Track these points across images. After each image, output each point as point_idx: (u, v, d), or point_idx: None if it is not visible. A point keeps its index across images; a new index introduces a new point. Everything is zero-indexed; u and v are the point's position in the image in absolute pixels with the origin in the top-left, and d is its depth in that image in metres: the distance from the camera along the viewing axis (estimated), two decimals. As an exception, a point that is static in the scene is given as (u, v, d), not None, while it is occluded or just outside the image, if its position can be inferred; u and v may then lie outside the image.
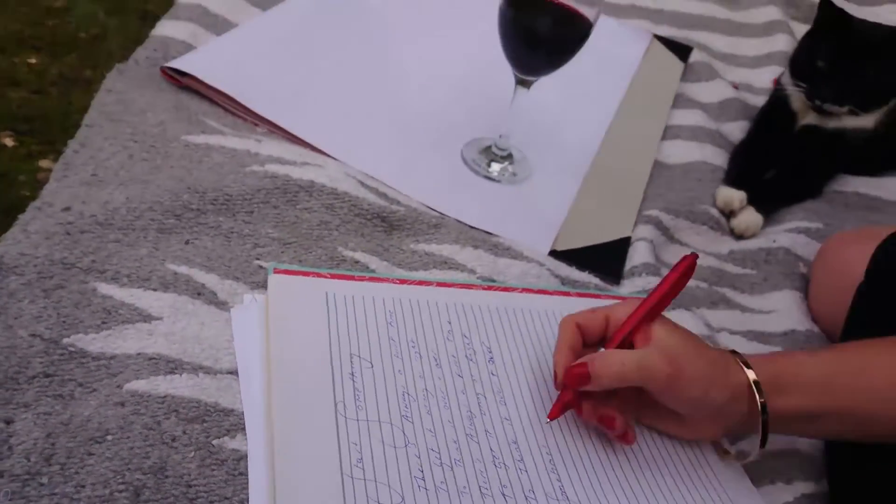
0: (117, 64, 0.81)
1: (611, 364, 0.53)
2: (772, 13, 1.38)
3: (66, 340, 0.54)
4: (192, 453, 0.49)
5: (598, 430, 0.57)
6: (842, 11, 0.92)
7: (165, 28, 0.91)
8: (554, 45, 0.76)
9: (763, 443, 0.53)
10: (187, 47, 0.88)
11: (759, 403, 0.52)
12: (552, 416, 0.56)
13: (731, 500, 0.56)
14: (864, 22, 0.95)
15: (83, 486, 0.46)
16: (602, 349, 0.56)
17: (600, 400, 0.55)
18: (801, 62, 0.95)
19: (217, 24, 0.95)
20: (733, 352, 0.55)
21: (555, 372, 0.56)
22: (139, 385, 0.52)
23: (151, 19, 0.93)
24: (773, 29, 1.34)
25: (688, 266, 0.56)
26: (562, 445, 0.56)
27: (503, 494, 0.52)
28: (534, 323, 0.66)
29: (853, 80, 0.89)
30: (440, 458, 0.53)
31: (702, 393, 0.52)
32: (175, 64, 0.83)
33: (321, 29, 0.99)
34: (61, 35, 0.88)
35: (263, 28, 0.96)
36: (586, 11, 0.75)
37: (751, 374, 0.52)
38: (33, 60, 0.78)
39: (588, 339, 0.57)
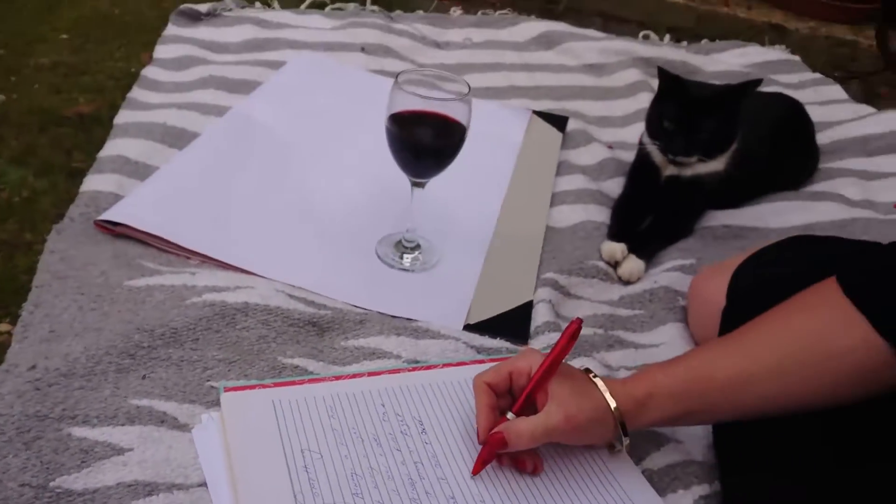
0: (54, 225, 0.90)
1: (522, 432, 0.64)
2: (633, 75, 1.56)
3: (52, 484, 0.62)
4: (178, 560, 0.58)
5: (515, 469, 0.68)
6: (677, 77, 1.08)
7: (92, 183, 1.00)
8: (436, 152, 0.89)
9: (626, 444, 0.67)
10: (115, 197, 0.98)
11: (621, 429, 0.65)
12: (475, 472, 0.66)
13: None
14: (697, 84, 1.12)
15: None
16: (511, 414, 0.66)
17: None
18: (652, 124, 1.11)
19: (139, 171, 1.05)
20: (605, 381, 0.67)
21: (478, 431, 0.67)
22: (123, 511, 0.60)
23: (79, 175, 1.03)
24: (637, 89, 1.51)
25: (574, 330, 0.68)
26: (492, 492, 0.66)
27: (447, 545, 0.61)
28: (456, 392, 0.76)
29: (695, 134, 1.05)
30: (390, 525, 0.62)
31: (591, 433, 0.65)
32: (106, 216, 0.93)
33: (233, 158, 1.10)
34: (-4, 204, 0.96)
35: (181, 167, 1.06)
36: (460, 117, 0.88)
37: (612, 403, 0.64)
38: (-27, 232, 0.87)
39: (498, 392, 0.68)
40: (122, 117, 1.18)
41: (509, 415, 0.66)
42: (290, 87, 1.32)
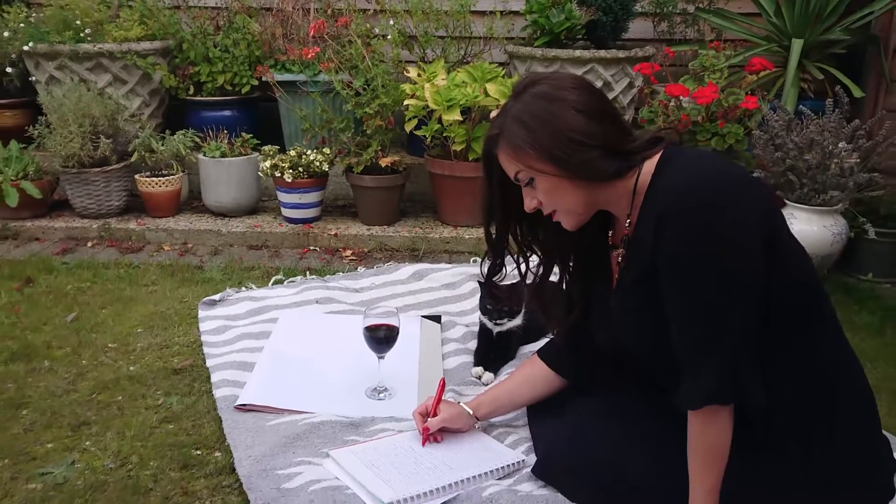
0: (219, 412, 1.90)
1: (433, 423, 1.71)
2: (471, 285, 2.73)
3: None
4: None
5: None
6: (481, 283, 2.24)
7: (219, 392, 2.00)
8: (387, 340, 1.98)
9: (478, 425, 1.75)
10: (234, 397, 1.98)
11: (475, 418, 1.73)
12: (423, 443, 1.71)
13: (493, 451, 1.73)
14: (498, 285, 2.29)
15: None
16: (429, 418, 1.72)
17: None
18: (482, 307, 2.25)
19: (237, 384, 2.06)
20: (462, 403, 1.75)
21: (418, 428, 1.72)
22: None
23: (206, 394, 2.02)
24: (474, 293, 2.68)
25: (443, 383, 1.76)
26: (429, 448, 1.69)
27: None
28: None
29: (501, 308, 2.20)
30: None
31: (461, 421, 1.74)
32: (237, 403, 1.93)
33: (278, 367, 2.13)
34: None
35: (255, 379, 2.08)
36: (395, 323, 1.98)
37: (467, 409, 1.72)
38: None
39: (422, 413, 1.74)
40: (210, 362, 2.19)
41: (429, 419, 1.71)
42: (291, 329, 2.39)
